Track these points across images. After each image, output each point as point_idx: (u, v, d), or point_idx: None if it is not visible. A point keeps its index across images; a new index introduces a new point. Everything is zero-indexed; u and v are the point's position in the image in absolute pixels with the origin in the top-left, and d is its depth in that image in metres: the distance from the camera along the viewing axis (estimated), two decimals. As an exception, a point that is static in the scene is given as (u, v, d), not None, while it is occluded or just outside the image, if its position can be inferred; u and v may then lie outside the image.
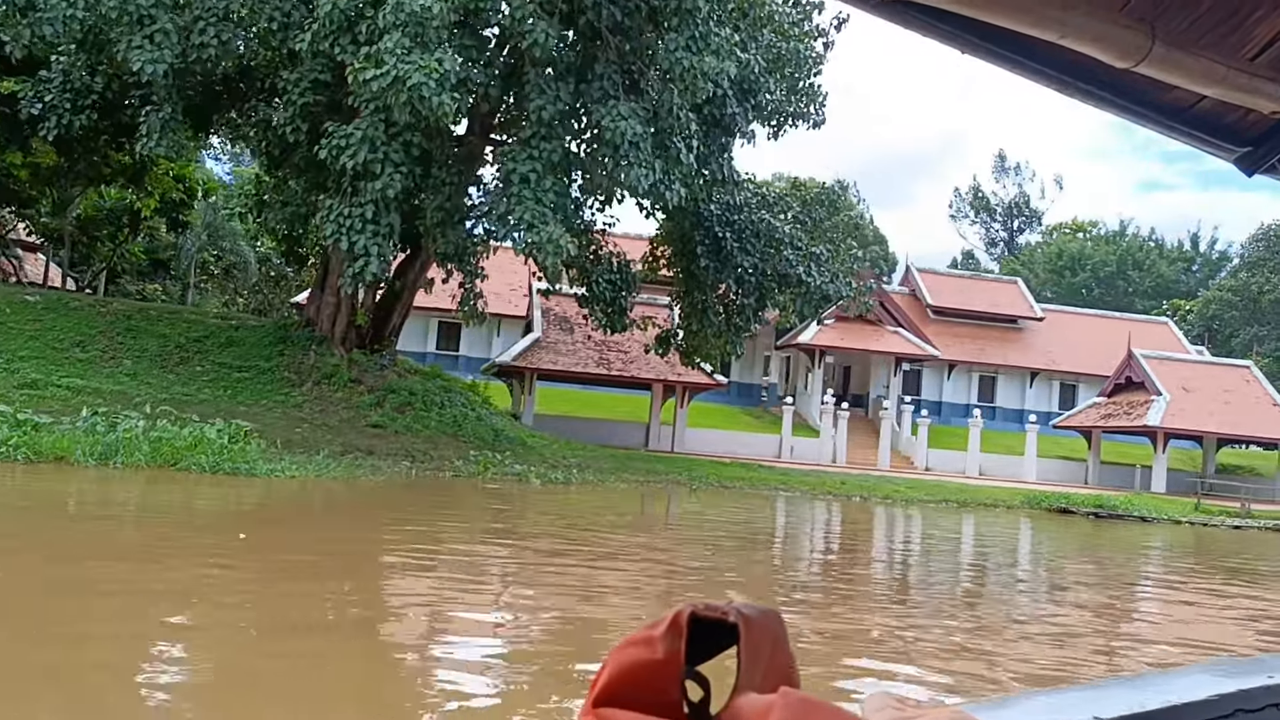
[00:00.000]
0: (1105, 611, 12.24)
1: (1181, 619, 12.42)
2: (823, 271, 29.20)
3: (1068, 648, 9.63)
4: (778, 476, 29.22)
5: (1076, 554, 20.14)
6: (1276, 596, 15.15)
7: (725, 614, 0.64)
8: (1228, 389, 45.53)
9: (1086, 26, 1.73)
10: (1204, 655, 9.53)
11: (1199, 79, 1.88)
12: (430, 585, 10.24)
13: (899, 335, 49.12)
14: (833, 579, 13.61)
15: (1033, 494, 30.48)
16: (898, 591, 12.87)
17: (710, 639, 0.65)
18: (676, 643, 0.63)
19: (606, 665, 0.65)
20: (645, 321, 29.51)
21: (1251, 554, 22.51)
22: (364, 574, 10.93)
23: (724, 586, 11.59)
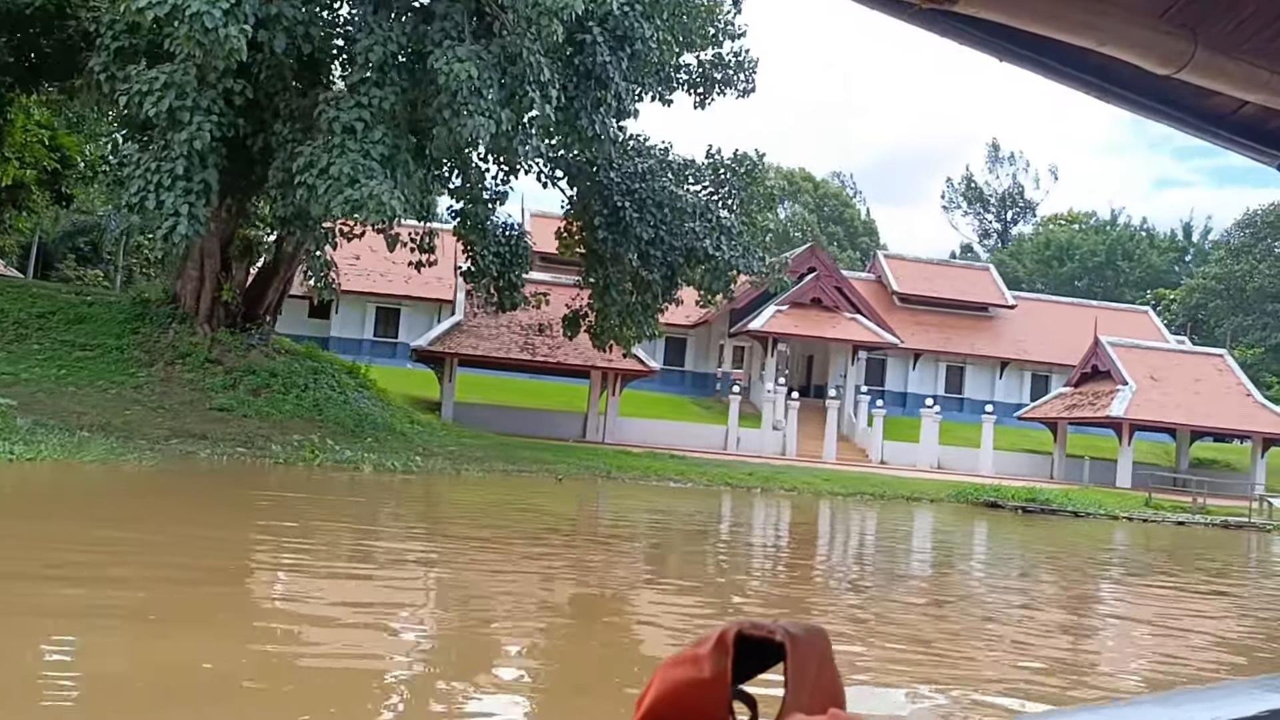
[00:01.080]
0: (880, 623, 9.87)
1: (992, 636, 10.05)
2: (733, 245, 26.79)
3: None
4: (687, 467, 26.82)
5: (949, 549, 17.80)
6: (1140, 602, 12.76)
7: (772, 633, 0.62)
8: (1199, 379, 42.92)
9: (1125, 33, 1.71)
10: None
11: (1241, 84, 1.84)
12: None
13: (857, 322, 46.62)
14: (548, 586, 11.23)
15: (963, 487, 28.01)
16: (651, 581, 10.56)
17: (756, 657, 0.63)
18: (723, 661, 0.62)
19: (653, 684, 0.63)
20: (538, 299, 27.21)
21: (1169, 552, 20.11)
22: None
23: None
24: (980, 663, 8.45)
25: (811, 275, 47.04)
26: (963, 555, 17.49)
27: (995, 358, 52.66)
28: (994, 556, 17.57)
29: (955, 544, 19.05)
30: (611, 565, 12.32)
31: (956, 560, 16.53)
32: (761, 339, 46.38)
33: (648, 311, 27.87)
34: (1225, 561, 19.11)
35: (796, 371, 54.89)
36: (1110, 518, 26.13)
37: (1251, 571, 17.58)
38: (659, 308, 28.07)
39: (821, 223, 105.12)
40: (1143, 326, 55.49)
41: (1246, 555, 20.68)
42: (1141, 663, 8.96)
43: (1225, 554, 20.57)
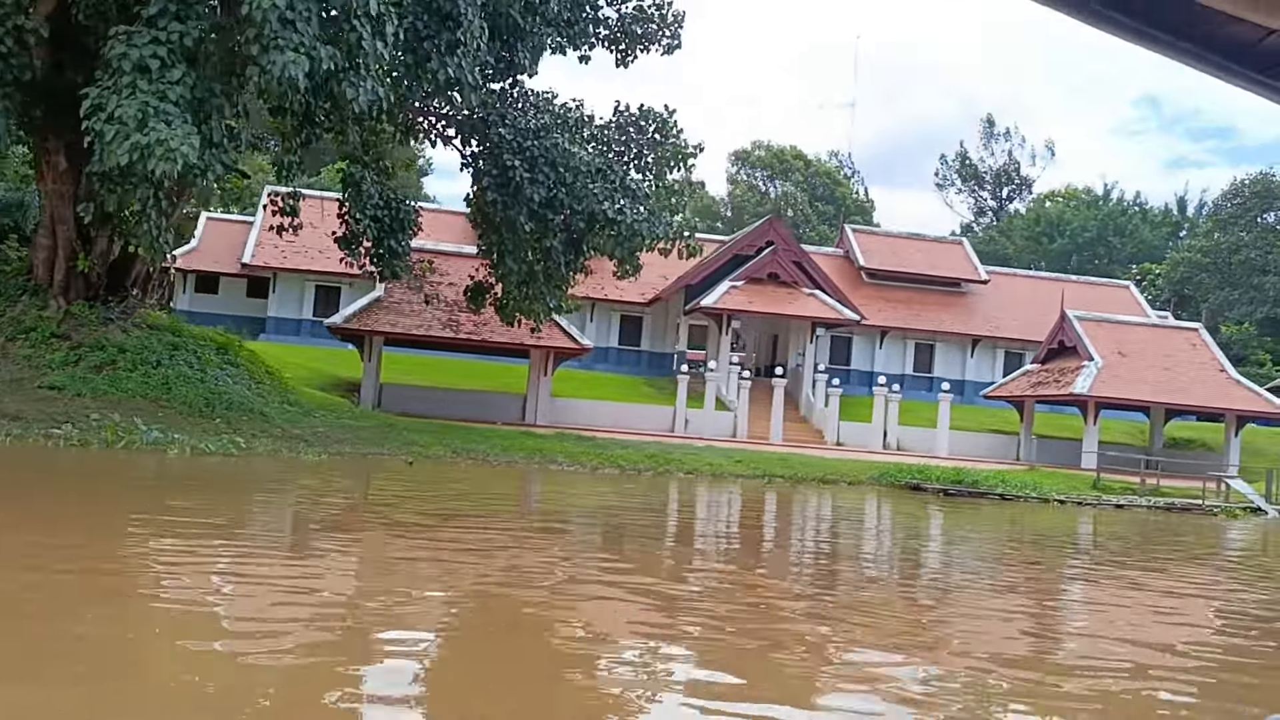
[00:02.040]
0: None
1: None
2: (638, 208, 24.60)
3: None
4: (587, 449, 24.63)
5: (812, 536, 15.66)
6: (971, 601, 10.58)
7: None
8: (1169, 354, 40.52)
9: None
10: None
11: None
12: None
13: (816, 298, 44.35)
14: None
15: (887, 468, 25.80)
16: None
17: None
18: None
19: None
20: (424, 268, 25.13)
21: (1076, 540, 17.96)
22: None
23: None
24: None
25: (769, 249, 44.81)
26: (808, 543, 15.36)
27: (966, 335, 50.32)
28: (849, 546, 15.41)
29: (824, 531, 16.90)
30: (311, 558, 10.22)
31: (791, 549, 14.39)
32: (715, 316, 44.18)
33: (551, 281, 25.72)
34: (1128, 549, 16.96)
35: (761, 350, 52.78)
36: (1042, 501, 23.92)
37: (1147, 564, 15.36)
38: (563, 277, 25.91)
39: (812, 201, 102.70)
40: (1123, 302, 53.09)
41: (1170, 543, 18.45)
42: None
43: (1140, 541, 18.38)
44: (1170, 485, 29.12)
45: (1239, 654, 8.75)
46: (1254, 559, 17.40)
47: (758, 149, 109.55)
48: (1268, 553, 18.59)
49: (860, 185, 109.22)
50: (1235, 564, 16.29)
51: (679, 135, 26.22)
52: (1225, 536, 20.42)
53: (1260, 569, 15.82)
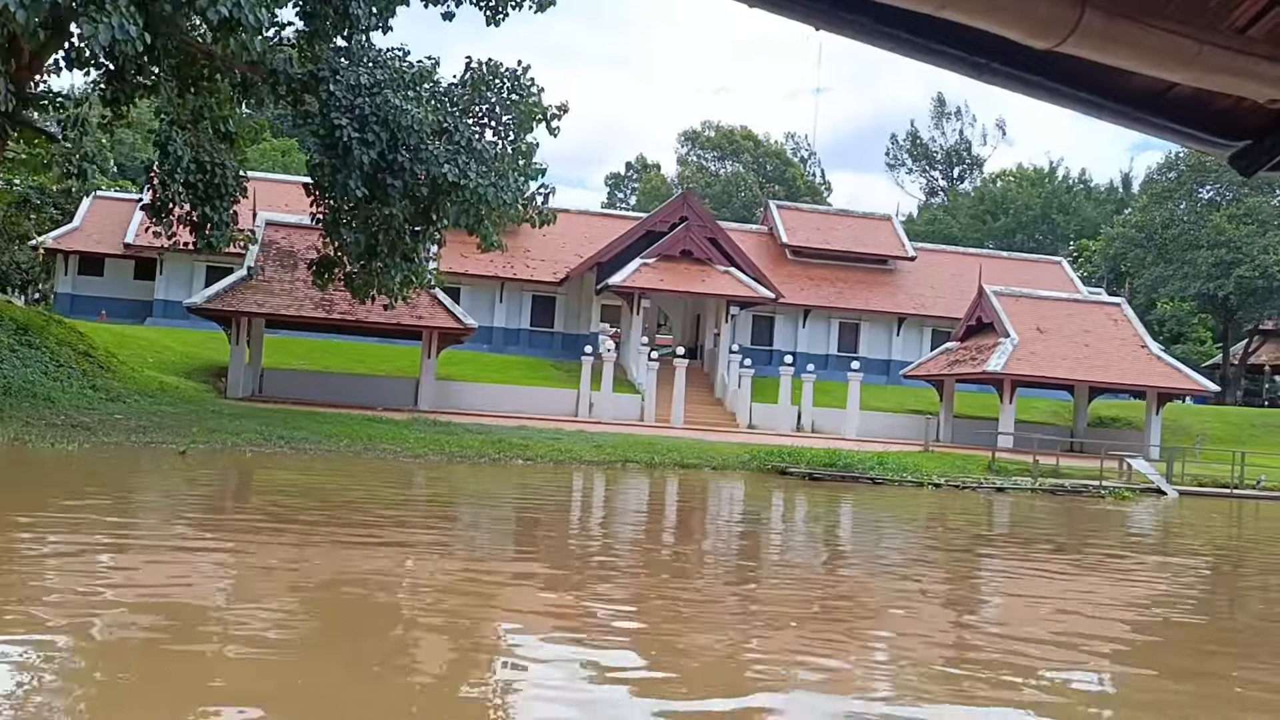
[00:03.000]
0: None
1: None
2: (484, 172, 22.54)
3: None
4: (432, 434, 22.59)
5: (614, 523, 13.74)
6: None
7: None
8: (1089, 330, 38.87)
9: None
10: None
11: (1156, 58, 1.52)
12: None
13: (730, 275, 42.43)
14: None
15: (758, 451, 23.89)
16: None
17: None
18: None
19: None
20: (245, 238, 23.05)
21: (920, 527, 16.15)
22: None
23: None
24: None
25: (682, 225, 42.83)
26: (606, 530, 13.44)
27: (892, 313, 48.55)
28: (643, 537, 13.51)
29: (644, 520, 15.01)
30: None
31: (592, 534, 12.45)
32: (626, 294, 42.18)
33: (396, 253, 23.60)
34: (948, 541, 15.16)
35: (686, 331, 50.94)
36: (918, 485, 22.11)
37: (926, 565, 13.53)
38: (410, 249, 23.78)
39: (761, 182, 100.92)
40: (1055, 278, 51.42)
41: (1015, 531, 16.66)
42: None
43: (974, 531, 16.59)
44: (1077, 466, 27.41)
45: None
46: (1087, 548, 15.56)
47: (708, 129, 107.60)
48: (1108, 538, 16.79)
49: (817, 167, 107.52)
50: (1049, 559, 14.46)
51: (535, 93, 24.15)
52: (1085, 523, 18.61)
53: (1061, 564, 13.98)
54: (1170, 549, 15.98)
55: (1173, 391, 37.38)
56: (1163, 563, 13.75)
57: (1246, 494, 27.08)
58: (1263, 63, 1.52)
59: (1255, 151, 1.86)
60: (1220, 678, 7.62)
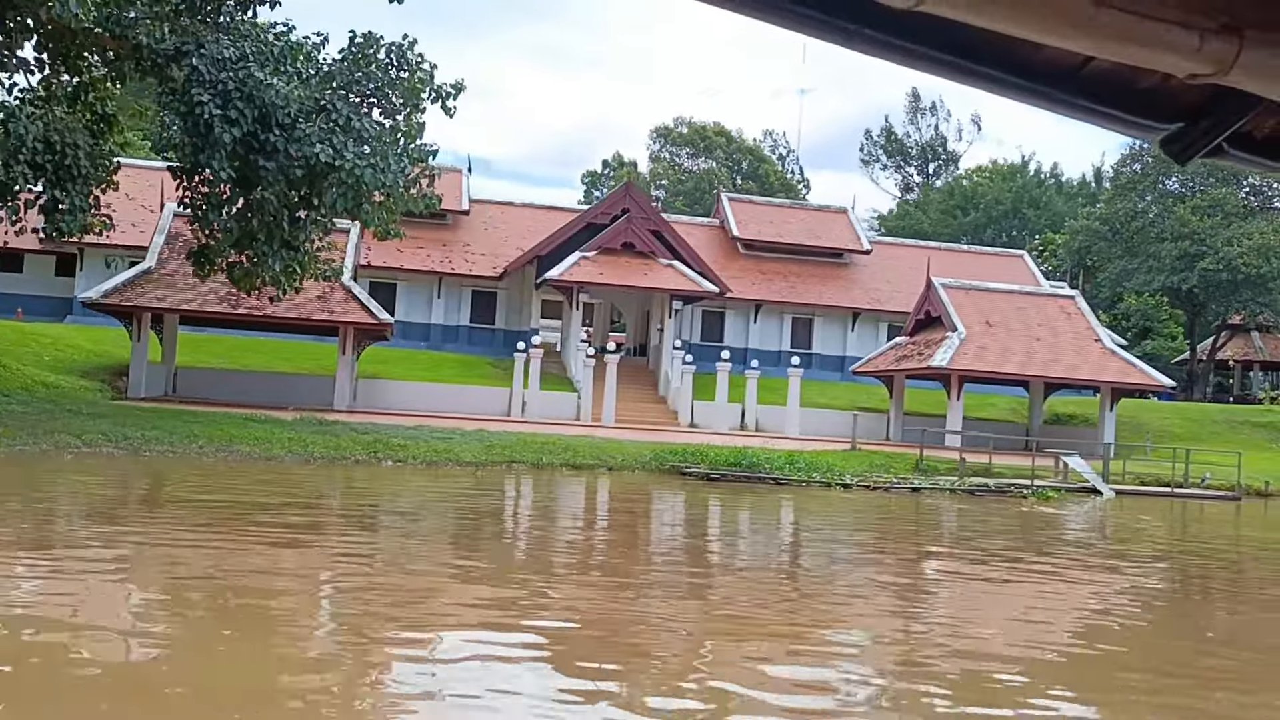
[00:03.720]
0: None
1: None
2: (364, 153, 20.93)
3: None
4: (302, 434, 20.94)
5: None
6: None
7: None
8: (1041, 323, 37.36)
9: None
10: None
11: (1040, 19, 1.32)
12: None
13: (674, 269, 40.84)
14: None
15: (663, 449, 22.27)
16: None
17: None
18: None
19: None
20: (100, 224, 21.45)
21: (778, 534, 14.62)
22: None
23: None
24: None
25: (623, 216, 41.24)
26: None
27: (847, 308, 47.00)
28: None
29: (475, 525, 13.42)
30: None
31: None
32: (564, 289, 40.57)
33: (273, 240, 21.96)
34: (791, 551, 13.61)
35: (639, 328, 49.46)
36: (825, 485, 20.56)
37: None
38: (291, 235, 22.14)
39: (733, 178, 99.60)
40: (1017, 272, 49.97)
41: (914, 531, 15.12)
42: None
43: (833, 539, 15.04)
44: (1014, 465, 25.87)
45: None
46: (962, 554, 14.02)
47: (680, 125, 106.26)
48: (995, 541, 15.23)
49: (795, 165, 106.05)
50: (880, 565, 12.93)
51: (426, 70, 22.55)
52: (985, 525, 17.05)
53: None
54: (1065, 552, 14.45)
55: (1127, 387, 35.90)
56: (1040, 568, 12.17)
57: (1190, 493, 25.59)
58: (1174, 29, 1.26)
59: (1188, 135, 1.62)
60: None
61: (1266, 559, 15.05)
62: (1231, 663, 8.24)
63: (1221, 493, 25.82)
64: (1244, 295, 49.41)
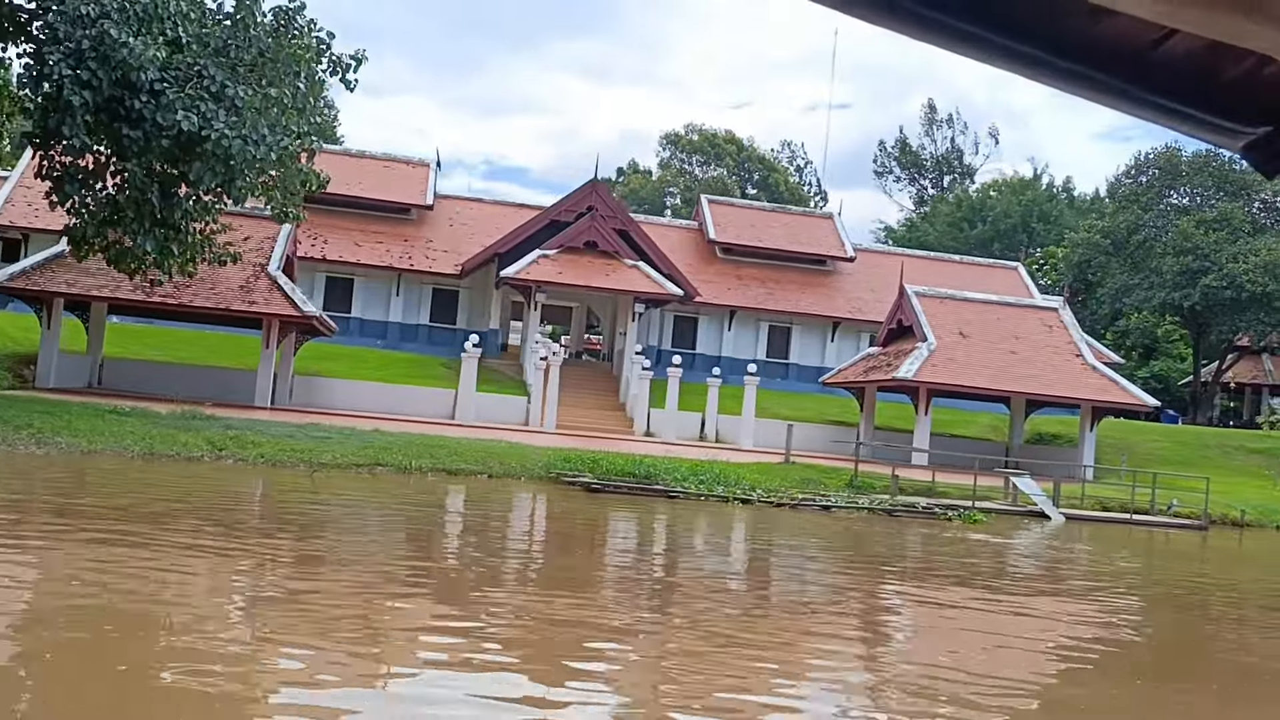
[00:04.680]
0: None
1: None
2: (235, 123, 19.15)
3: None
4: (165, 430, 19.12)
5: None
6: None
7: None
8: (1019, 335, 35.10)
9: None
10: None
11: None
12: None
13: (638, 270, 38.90)
14: None
15: (557, 456, 20.22)
16: None
17: None
18: None
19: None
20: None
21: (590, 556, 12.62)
22: None
23: None
24: None
25: (587, 214, 39.37)
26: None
27: (827, 317, 44.87)
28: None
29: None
30: None
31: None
32: (523, 288, 38.70)
33: (142, 217, 20.22)
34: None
35: (611, 331, 47.56)
36: (723, 500, 18.51)
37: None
38: (159, 214, 20.38)
39: (742, 186, 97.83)
40: (1010, 284, 47.72)
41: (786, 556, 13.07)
42: None
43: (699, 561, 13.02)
44: (963, 484, 23.67)
45: None
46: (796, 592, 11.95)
47: (691, 132, 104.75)
48: (857, 571, 13.10)
49: (813, 177, 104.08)
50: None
51: (320, 38, 20.78)
52: (873, 551, 14.93)
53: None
54: (931, 582, 12.34)
55: (1107, 406, 33.55)
56: (857, 606, 10.06)
57: (1151, 520, 23.33)
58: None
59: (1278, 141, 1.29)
60: None
61: (1187, 609, 12.81)
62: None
63: (1187, 521, 23.53)
64: (1250, 314, 46.83)
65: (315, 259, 40.76)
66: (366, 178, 43.60)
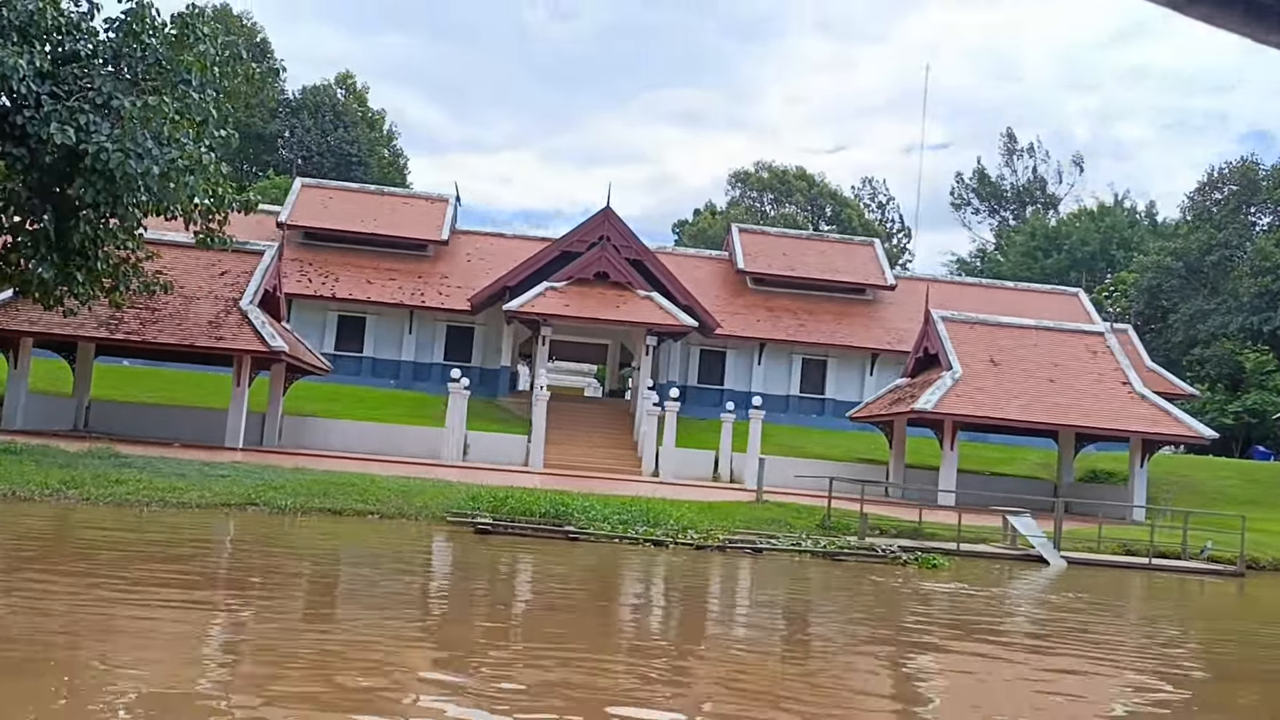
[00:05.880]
0: None
1: None
2: (118, 136, 17.69)
3: None
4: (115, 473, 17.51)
5: None
6: None
7: None
8: (1058, 363, 31.80)
9: None
10: None
11: None
12: None
13: (651, 301, 36.74)
14: None
15: (470, 494, 17.93)
16: None
17: None
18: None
19: None
20: None
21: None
22: None
23: None
24: None
25: (599, 244, 37.43)
26: None
27: (865, 348, 41.94)
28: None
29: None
30: None
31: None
32: (529, 322, 36.82)
33: (37, 243, 18.89)
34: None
35: (618, 364, 45.67)
36: (656, 544, 15.97)
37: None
38: (52, 237, 18.98)
39: (814, 222, 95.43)
40: (1070, 312, 44.17)
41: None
42: None
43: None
44: (948, 523, 20.77)
45: None
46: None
47: (761, 170, 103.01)
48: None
49: (896, 213, 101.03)
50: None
51: (217, 45, 19.30)
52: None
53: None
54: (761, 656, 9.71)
55: (1157, 438, 30.03)
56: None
57: (1174, 565, 20.04)
58: None
59: None
60: None
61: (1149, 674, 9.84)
62: None
63: (1221, 566, 20.16)
64: (1340, 338, 42.47)
65: (326, 298, 39.62)
66: (383, 214, 42.50)
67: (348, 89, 78.62)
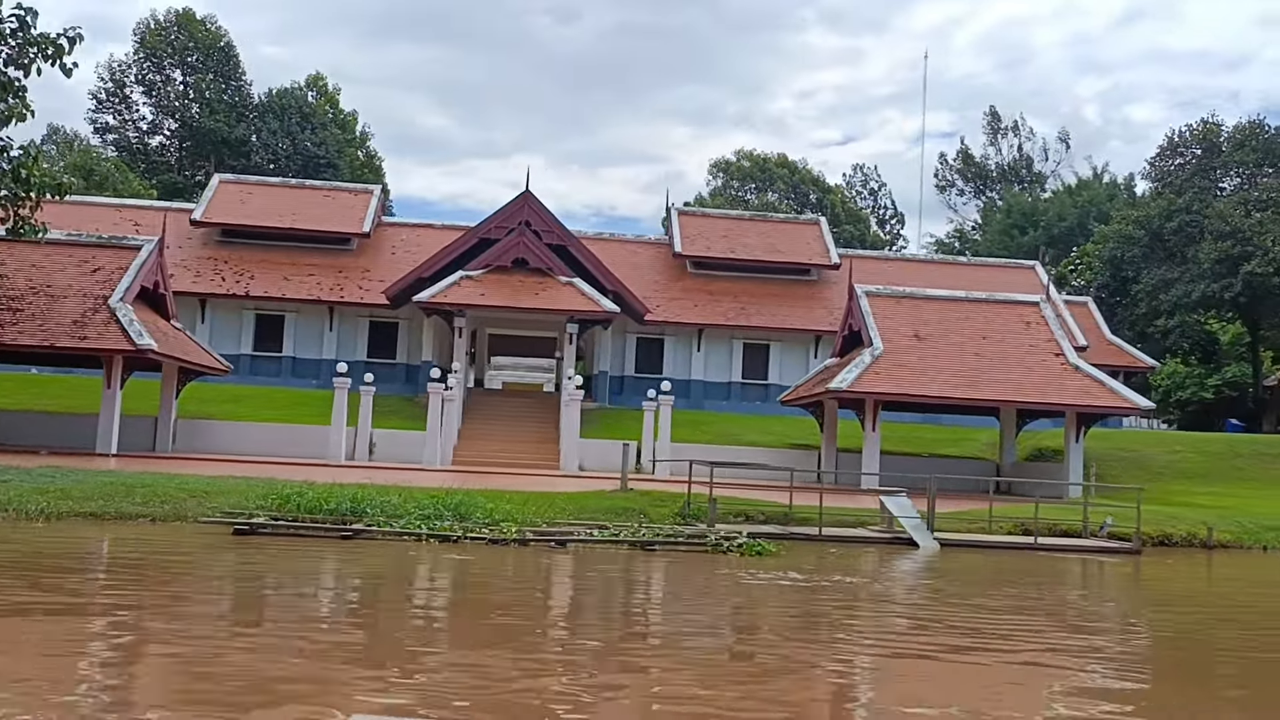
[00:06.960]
0: None
1: None
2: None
3: None
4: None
5: None
6: None
7: None
8: (988, 335, 29.88)
9: None
10: None
11: None
12: None
13: (573, 288, 34.98)
14: None
15: (251, 494, 16.17)
16: None
17: None
18: None
19: None
20: None
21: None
22: None
23: None
24: None
25: (516, 229, 35.70)
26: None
27: (808, 331, 40.08)
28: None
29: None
30: None
31: None
32: (444, 313, 35.13)
33: None
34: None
35: (589, 357, 43.75)
36: (447, 539, 14.25)
37: None
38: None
39: (796, 209, 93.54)
40: (1026, 285, 42.19)
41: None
42: None
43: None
44: (842, 509, 18.97)
45: None
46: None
47: (742, 159, 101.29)
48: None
49: (888, 199, 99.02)
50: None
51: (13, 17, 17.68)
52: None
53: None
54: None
55: (1092, 411, 28.10)
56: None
57: (1069, 544, 18.16)
58: None
59: None
60: None
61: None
62: None
63: (1118, 544, 18.25)
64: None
65: (240, 296, 38.01)
66: (304, 208, 40.87)
67: (319, 90, 77.22)
